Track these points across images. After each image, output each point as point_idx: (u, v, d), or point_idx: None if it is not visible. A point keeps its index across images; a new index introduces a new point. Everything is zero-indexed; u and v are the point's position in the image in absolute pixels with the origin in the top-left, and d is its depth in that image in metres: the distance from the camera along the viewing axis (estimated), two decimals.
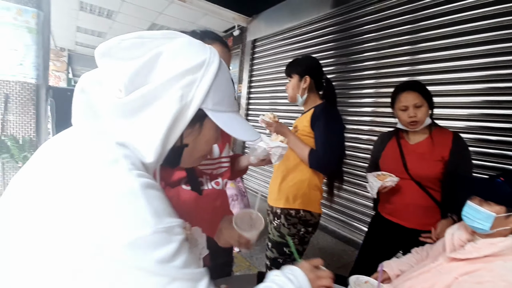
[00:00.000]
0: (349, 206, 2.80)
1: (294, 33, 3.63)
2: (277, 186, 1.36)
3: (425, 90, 1.29)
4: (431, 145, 1.29)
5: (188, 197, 0.85)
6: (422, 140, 1.33)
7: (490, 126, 1.90)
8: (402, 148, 1.36)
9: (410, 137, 1.37)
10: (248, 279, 0.88)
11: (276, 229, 1.31)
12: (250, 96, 4.48)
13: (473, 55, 1.97)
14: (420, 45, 2.27)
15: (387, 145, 1.44)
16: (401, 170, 1.33)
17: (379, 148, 1.47)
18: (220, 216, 0.85)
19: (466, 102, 2.02)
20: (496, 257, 0.83)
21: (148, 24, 4.93)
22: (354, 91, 2.81)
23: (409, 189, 1.32)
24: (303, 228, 1.30)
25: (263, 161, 1.00)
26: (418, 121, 1.27)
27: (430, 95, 1.30)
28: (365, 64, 2.70)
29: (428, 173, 1.27)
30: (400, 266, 1.10)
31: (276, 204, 1.34)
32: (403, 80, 2.34)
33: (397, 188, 1.34)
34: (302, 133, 1.32)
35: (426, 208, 1.29)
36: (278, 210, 1.33)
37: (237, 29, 4.51)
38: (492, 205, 0.87)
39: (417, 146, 1.33)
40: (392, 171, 1.32)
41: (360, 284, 0.74)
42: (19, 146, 2.68)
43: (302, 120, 1.36)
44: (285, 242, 1.28)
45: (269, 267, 1.32)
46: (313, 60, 1.41)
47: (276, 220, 1.32)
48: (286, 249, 1.29)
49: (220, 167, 0.97)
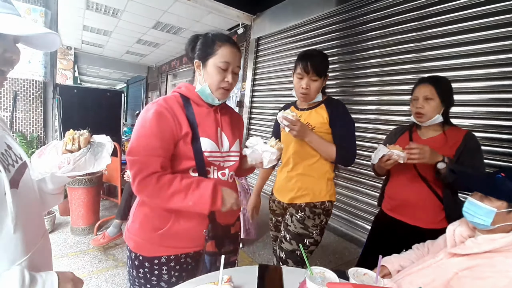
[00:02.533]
0: (351, 204, 2.80)
1: (298, 31, 3.62)
2: (298, 184, 1.36)
3: (442, 86, 1.27)
4: (443, 142, 1.27)
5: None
6: (434, 136, 1.31)
7: (497, 124, 1.89)
8: (413, 140, 1.35)
9: (423, 131, 1.36)
10: (250, 271, 0.90)
11: (300, 221, 1.32)
12: (253, 94, 4.49)
13: (480, 53, 1.96)
14: (426, 43, 2.25)
15: (399, 138, 1.43)
16: (408, 163, 1.32)
17: (392, 140, 1.46)
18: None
19: (473, 100, 2.01)
20: (497, 253, 0.83)
21: (153, 22, 4.97)
22: (358, 89, 2.80)
23: (414, 185, 1.31)
24: (325, 218, 1.35)
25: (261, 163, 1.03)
26: (424, 113, 1.26)
27: (448, 92, 1.28)
28: (370, 62, 2.69)
29: (433, 168, 1.25)
30: (400, 261, 1.10)
31: (301, 200, 1.35)
32: (408, 78, 2.37)
33: (402, 182, 1.34)
34: (320, 130, 1.31)
35: (430, 205, 1.28)
36: (302, 204, 1.34)
37: (241, 27, 4.52)
38: (493, 200, 0.87)
39: (428, 141, 1.31)
40: (398, 164, 1.33)
41: (359, 276, 0.75)
42: (27, 143, 2.74)
43: (315, 117, 1.33)
44: (307, 233, 1.30)
45: (283, 260, 1.32)
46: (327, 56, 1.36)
47: (300, 213, 1.34)
48: (307, 241, 1.30)
49: (228, 160, 1.00)
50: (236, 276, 0.84)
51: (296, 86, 1.33)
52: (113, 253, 2.38)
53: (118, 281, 2.01)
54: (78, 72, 11.09)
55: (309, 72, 1.26)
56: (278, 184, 1.47)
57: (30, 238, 0.62)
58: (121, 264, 2.22)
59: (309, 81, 1.28)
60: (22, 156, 0.67)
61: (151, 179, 0.84)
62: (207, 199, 0.85)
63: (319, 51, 1.33)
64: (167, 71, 8.54)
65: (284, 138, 1.41)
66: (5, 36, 0.53)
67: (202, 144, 0.92)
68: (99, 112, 3.65)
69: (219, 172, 0.99)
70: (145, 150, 0.85)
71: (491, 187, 0.89)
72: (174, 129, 0.89)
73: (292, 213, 1.36)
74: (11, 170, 0.60)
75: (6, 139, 0.66)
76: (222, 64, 0.92)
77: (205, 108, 0.99)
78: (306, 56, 1.29)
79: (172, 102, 0.93)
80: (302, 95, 1.32)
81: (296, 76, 1.32)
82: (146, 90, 10.59)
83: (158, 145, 0.86)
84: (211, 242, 0.97)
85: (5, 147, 0.63)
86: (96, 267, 2.16)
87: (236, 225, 1.10)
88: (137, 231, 0.93)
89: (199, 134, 0.93)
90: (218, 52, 0.92)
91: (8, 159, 0.62)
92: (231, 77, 0.94)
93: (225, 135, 1.01)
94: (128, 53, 7.92)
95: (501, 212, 0.85)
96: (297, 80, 1.32)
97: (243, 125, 1.20)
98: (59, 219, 2.84)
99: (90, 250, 2.38)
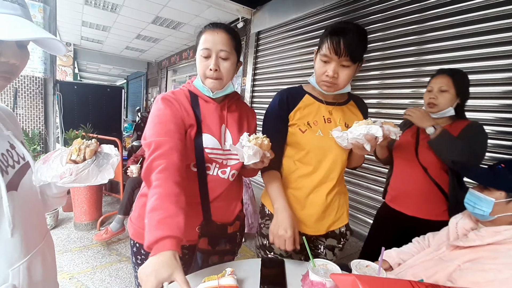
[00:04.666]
0: (352, 198, 2.80)
1: (299, 25, 3.58)
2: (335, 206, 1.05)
3: (459, 78, 1.25)
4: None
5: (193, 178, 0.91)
6: None
7: (509, 117, 1.87)
8: (419, 133, 1.35)
9: None
10: (252, 264, 0.90)
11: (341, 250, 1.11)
12: (254, 90, 4.47)
13: (482, 44, 1.93)
14: (427, 35, 2.23)
15: (407, 129, 1.42)
16: (411, 153, 1.32)
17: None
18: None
19: (479, 92, 1.98)
20: (500, 245, 0.83)
21: (152, 17, 4.92)
22: (358, 82, 2.78)
23: (414, 174, 1.32)
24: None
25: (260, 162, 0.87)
26: (437, 104, 1.25)
27: (464, 85, 1.26)
28: (371, 55, 2.66)
29: (436, 160, 1.25)
30: (400, 255, 1.11)
31: (340, 224, 1.07)
32: (409, 71, 2.35)
33: (403, 172, 1.35)
34: None
35: (430, 196, 1.29)
36: (342, 229, 1.08)
37: (241, 21, 4.47)
38: (492, 191, 0.87)
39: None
40: (402, 154, 1.33)
41: (362, 268, 0.75)
42: (29, 140, 2.74)
43: (351, 118, 1.06)
44: None
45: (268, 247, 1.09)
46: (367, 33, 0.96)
47: (347, 236, 1.10)
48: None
49: (230, 158, 0.96)
50: (239, 269, 0.85)
51: (319, 71, 0.96)
52: (116, 248, 2.40)
53: (122, 275, 2.03)
54: (78, 68, 11.05)
55: (340, 54, 0.90)
56: (311, 217, 1.02)
57: (30, 240, 0.61)
58: (124, 259, 2.24)
59: (338, 67, 0.93)
60: (25, 156, 0.66)
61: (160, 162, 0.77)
62: (148, 237, 0.69)
63: (357, 25, 0.93)
64: (167, 67, 8.50)
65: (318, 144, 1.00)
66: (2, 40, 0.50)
67: (204, 140, 0.91)
68: (99, 108, 3.65)
69: (220, 170, 0.96)
70: (160, 133, 0.82)
71: (491, 178, 0.89)
72: (183, 116, 0.88)
73: (334, 244, 1.08)
74: (9, 172, 0.59)
75: (11, 138, 0.64)
76: (202, 52, 0.88)
77: (212, 104, 0.96)
78: (339, 31, 0.90)
79: (179, 94, 0.93)
80: (326, 83, 0.95)
81: (319, 58, 0.96)
82: (146, 86, 10.55)
83: (173, 128, 0.84)
84: (204, 239, 0.94)
85: (7, 147, 0.62)
86: (100, 262, 2.18)
87: (235, 224, 1.04)
88: (136, 220, 0.96)
89: (201, 130, 0.91)
90: (200, 41, 0.90)
91: (9, 160, 0.61)
92: (213, 63, 0.87)
93: (229, 132, 0.98)
94: (127, 48, 7.87)
95: (499, 202, 0.85)
96: (321, 64, 0.95)
97: (254, 121, 1.11)
98: (62, 215, 2.87)
99: (93, 245, 2.40)
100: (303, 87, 1.09)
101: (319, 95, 1.05)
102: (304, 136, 1.00)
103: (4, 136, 0.63)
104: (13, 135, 0.65)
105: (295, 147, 1.03)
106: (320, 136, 0.99)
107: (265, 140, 0.84)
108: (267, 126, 1.06)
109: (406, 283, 0.42)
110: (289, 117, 1.03)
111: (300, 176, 1.02)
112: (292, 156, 1.04)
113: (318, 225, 1.02)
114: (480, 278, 0.77)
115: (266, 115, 1.08)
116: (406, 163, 1.36)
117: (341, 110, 1.05)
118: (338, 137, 0.93)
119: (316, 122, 1.01)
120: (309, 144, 1.00)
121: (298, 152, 1.02)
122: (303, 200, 1.02)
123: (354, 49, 0.89)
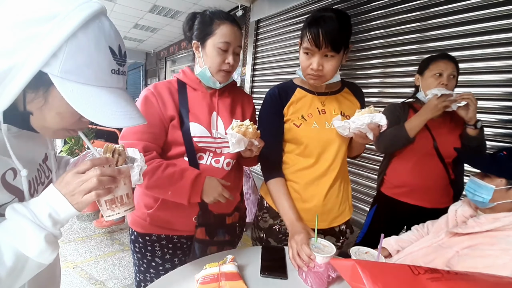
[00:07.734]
0: (352, 187, 2.82)
1: (299, 12, 3.51)
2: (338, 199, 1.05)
3: (457, 66, 1.28)
4: (451, 120, 1.29)
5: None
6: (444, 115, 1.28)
7: (507, 105, 1.85)
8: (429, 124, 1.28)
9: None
10: (253, 251, 0.91)
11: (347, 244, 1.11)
12: (254, 79, 4.42)
13: (485, 31, 1.90)
14: (430, 22, 2.18)
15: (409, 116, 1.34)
16: (428, 146, 1.28)
17: (401, 117, 1.35)
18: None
19: (483, 80, 1.96)
20: (499, 231, 0.84)
21: (150, 5, 4.82)
22: (360, 71, 2.74)
23: (434, 168, 1.29)
24: None
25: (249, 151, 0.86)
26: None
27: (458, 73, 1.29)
28: (372, 43, 2.62)
29: (454, 152, 1.24)
30: (399, 242, 1.12)
31: (341, 221, 1.06)
32: (411, 59, 2.31)
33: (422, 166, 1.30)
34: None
35: (442, 185, 1.31)
36: (342, 227, 1.07)
37: (240, 9, 4.38)
38: (493, 178, 0.88)
39: (442, 121, 1.30)
40: (420, 146, 1.28)
41: (361, 254, 0.76)
42: None
43: (348, 105, 1.05)
44: None
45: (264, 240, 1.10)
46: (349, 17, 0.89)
47: (347, 234, 1.09)
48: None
49: (224, 146, 0.95)
50: (240, 256, 0.86)
51: (303, 64, 0.94)
52: (118, 237, 2.43)
53: (125, 264, 2.07)
54: None
55: (321, 46, 0.85)
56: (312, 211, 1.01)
57: None
58: (126, 248, 2.28)
59: (321, 59, 0.89)
60: (52, 170, 0.61)
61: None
62: (185, 190, 0.82)
63: (336, 11, 0.87)
64: (165, 57, 8.38)
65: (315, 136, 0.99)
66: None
67: (191, 129, 0.90)
68: None
69: (214, 159, 0.95)
70: (129, 134, 0.86)
71: (492, 165, 0.89)
72: (160, 113, 0.88)
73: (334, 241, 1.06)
74: (39, 191, 0.54)
75: (48, 147, 0.60)
76: (222, 45, 0.87)
77: (201, 93, 0.96)
78: (317, 20, 0.85)
79: (161, 87, 0.92)
80: (312, 76, 0.94)
81: (302, 51, 0.92)
82: (145, 76, 10.45)
83: (141, 129, 0.85)
84: (201, 229, 0.95)
85: (42, 157, 0.57)
86: (103, 251, 2.22)
87: (234, 215, 1.04)
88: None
89: (188, 119, 0.90)
90: (217, 31, 0.87)
91: (42, 175, 0.56)
92: (232, 58, 0.90)
93: (221, 119, 0.97)
94: (125, 38, 7.75)
95: (500, 189, 0.86)
96: (305, 57, 0.92)
97: (251, 107, 1.12)
98: None
99: (96, 235, 2.43)
100: (293, 81, 1.09)
101: (310, 87, 1.04)
102: (300, 130, 1.00)
103: (44, 143, 0.59)
104: (50, 143, 0.62)
105: (293, 142, 1.03)
106: (317, 128, 0.99)
107: (249, 127, 0.80)
108: (263, 125, 1.04)
109: (405, 268, 0.42)
110: (283, 112, 1.03)
111: (301, 169, 1.02)
112: (292, 151, 1.05)
113: (320, 218, 1.00)
114: (478, 264, 0.78)
115: (261, 114, 1.08)
116: (423, 157, 1.31)
117: (336, 99, 1.03)
118: (339, 126, 0.92)
119: (310, 115, 1.01)
120: (306, 137, 0.99)
121: (297, 146, 1.02)
122: (304, 192, 1.02)
123: (335, 38, 0.84)
